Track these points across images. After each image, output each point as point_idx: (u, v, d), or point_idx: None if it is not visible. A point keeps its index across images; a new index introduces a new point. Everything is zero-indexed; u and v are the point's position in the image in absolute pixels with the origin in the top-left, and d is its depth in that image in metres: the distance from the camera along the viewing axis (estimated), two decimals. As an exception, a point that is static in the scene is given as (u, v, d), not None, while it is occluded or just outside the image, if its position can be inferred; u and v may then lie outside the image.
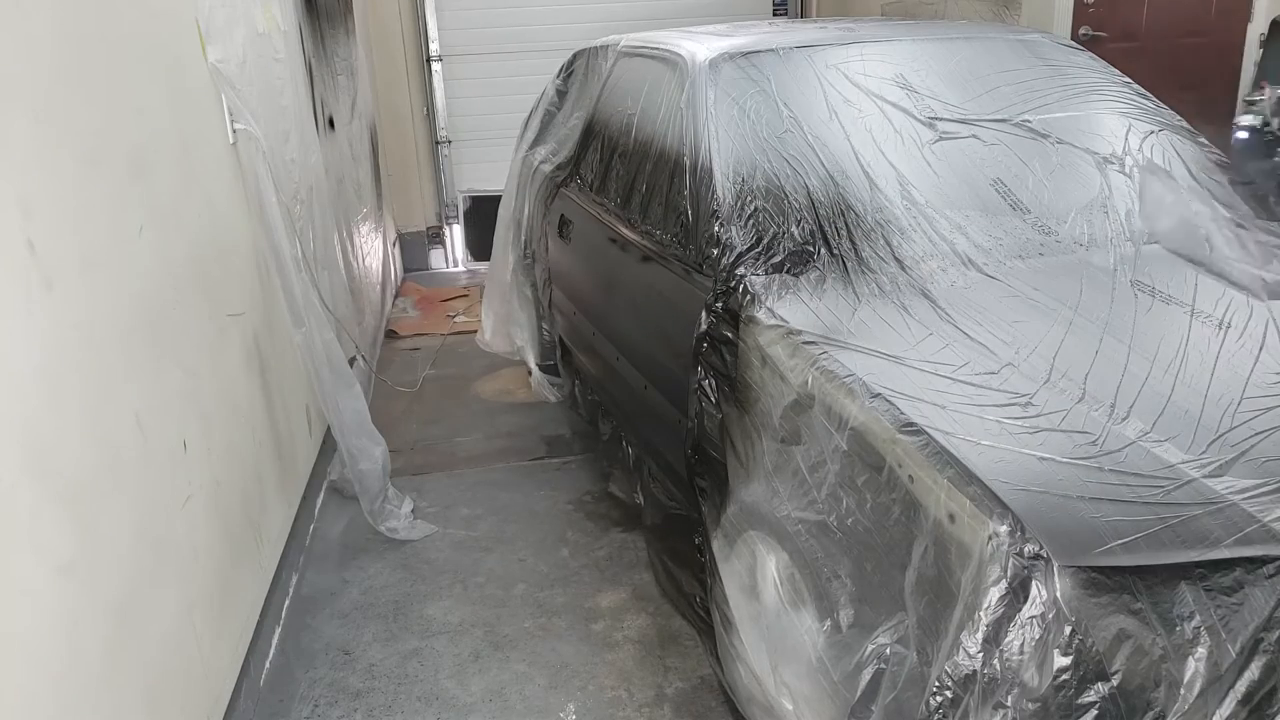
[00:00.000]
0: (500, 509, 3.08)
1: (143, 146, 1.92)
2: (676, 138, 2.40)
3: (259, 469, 2.50)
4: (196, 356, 2.09)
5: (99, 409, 1.59)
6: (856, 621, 1.52)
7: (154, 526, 1.76)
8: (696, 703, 2.23)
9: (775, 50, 2.46)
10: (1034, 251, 2.05)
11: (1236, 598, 1.17)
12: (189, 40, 2.31)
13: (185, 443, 1.94)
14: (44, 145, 1.49)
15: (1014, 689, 1.18)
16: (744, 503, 1.89)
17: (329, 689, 2.33)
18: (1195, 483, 1.33)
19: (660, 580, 2.55)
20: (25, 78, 1.45)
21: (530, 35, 6.04)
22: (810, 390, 1.66)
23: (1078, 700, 1.15)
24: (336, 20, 4.47)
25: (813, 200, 2.10)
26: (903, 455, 1.43)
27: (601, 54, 3.29)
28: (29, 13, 1.49)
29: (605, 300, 2.82)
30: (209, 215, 2.31)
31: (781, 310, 1.87)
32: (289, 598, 2.62)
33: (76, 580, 1.45)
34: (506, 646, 2.46)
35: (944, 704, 1.24)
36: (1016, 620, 1.19)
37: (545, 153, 3.54)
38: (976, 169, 2.22)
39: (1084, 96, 2.47)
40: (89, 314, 1.58)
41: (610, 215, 2.74)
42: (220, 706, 2.03)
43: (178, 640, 1.83)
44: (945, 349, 1.69)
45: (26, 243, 1.39)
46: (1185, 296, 1.85)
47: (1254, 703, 1.15)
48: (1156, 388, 1.55)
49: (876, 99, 2.33)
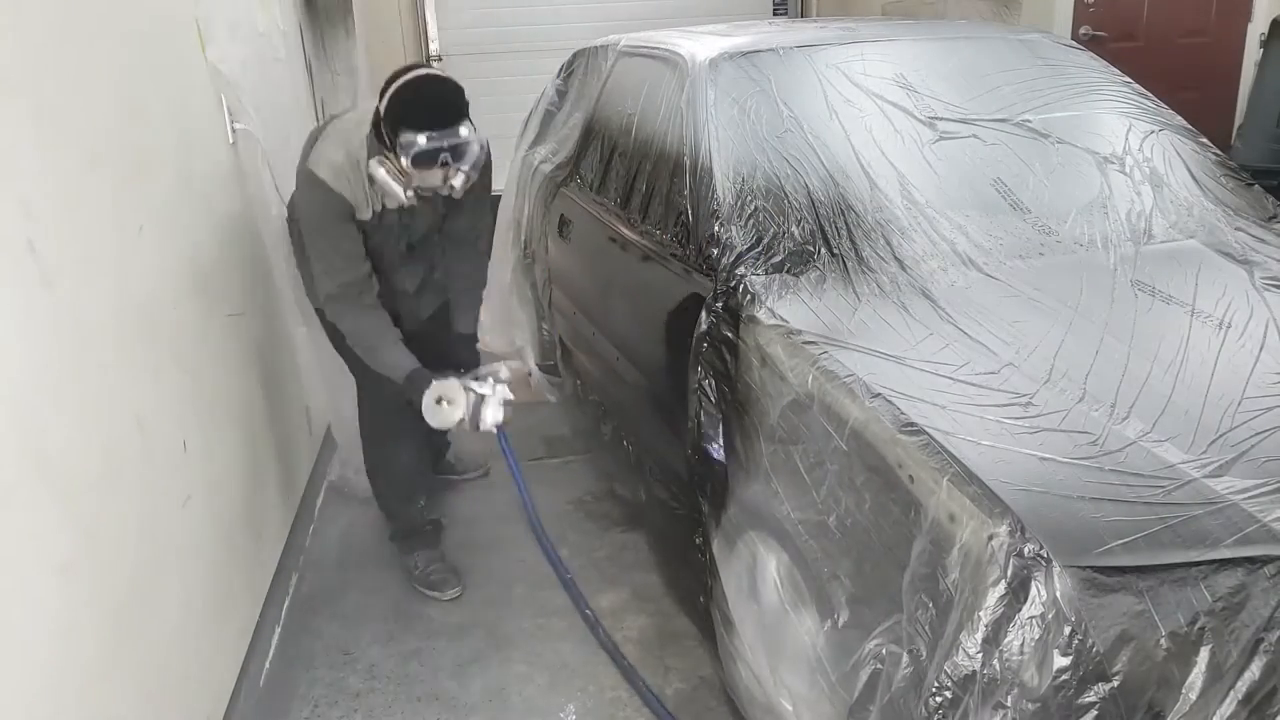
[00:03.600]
0: (500, 509, 3.08)
1: (143, 146, 1.92)
2: (676, 137, 2.40)
3: (259, 469, 2.50)
4: (196, 356, 2.09)
5: (99, 409, 1.59)
6: (856, 622, 1.52)
7: (154, 526, 1.76)
8: (696, 703, 2.23)
9: (775, 50, 2.46)
10: (1034, 251, 2.05)
11: (1237, 598, 1.17)
12: (189, 40, 2.31)
13: (185, 443, 1.94)
14: (44, 145, 1.49)
15: (1014, 689, 1.18)
16: (744, 503, 1.89)
17: (329, 689, 2.33)
18: (1195, 483, 1.33)
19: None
20: (25, 78, 1.45)
21: (530, 35, 6.03)
22: (810, 390, 1.66)
23: (1078, 700, 1.15)
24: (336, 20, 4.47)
25: (813, 200, 2.10)
26: (903, 455, 1.43)
27: (601, 54, 3.29)
28: (29, 13, 1.49)
29: (605, 300, 2.82)
30: (209, 215, 2.31)
31: (781, 310, 1.87)
32: (289, 598, 2.62)
33: (76, 580, 1.44)
34: (506, 646, 2.45)
35: (943, 704, 1.24)
36: (1016, 620, 1.19)
37: (545, 152, 3.54)
38: (977, 169, 2.22)
39: (1084, 96, 2.47)
40: (89, 314, 1.58)
41: (610, 215, 2.74)
42: (220, 706, 2.03)
43: (178, 640, 1.83)
44: (945, 349, 1.69)
45: (26, 243, 1.39)
46: (1185, 296, 1.85)
47: (1254, 703, 1.15)
48: (1157, 388, 1.55)
49: (877, 99, 2.32)
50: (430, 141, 2.07)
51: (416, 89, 2.12)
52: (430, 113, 2.10)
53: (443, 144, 2.09)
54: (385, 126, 2.13)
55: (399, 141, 2.09)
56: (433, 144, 2.08)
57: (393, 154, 2.13)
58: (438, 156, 2.10)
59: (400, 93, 2.11)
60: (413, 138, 2.07)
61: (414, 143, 2.07)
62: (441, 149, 2.09)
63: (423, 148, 2.07)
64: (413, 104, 2.11)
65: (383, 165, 2.14)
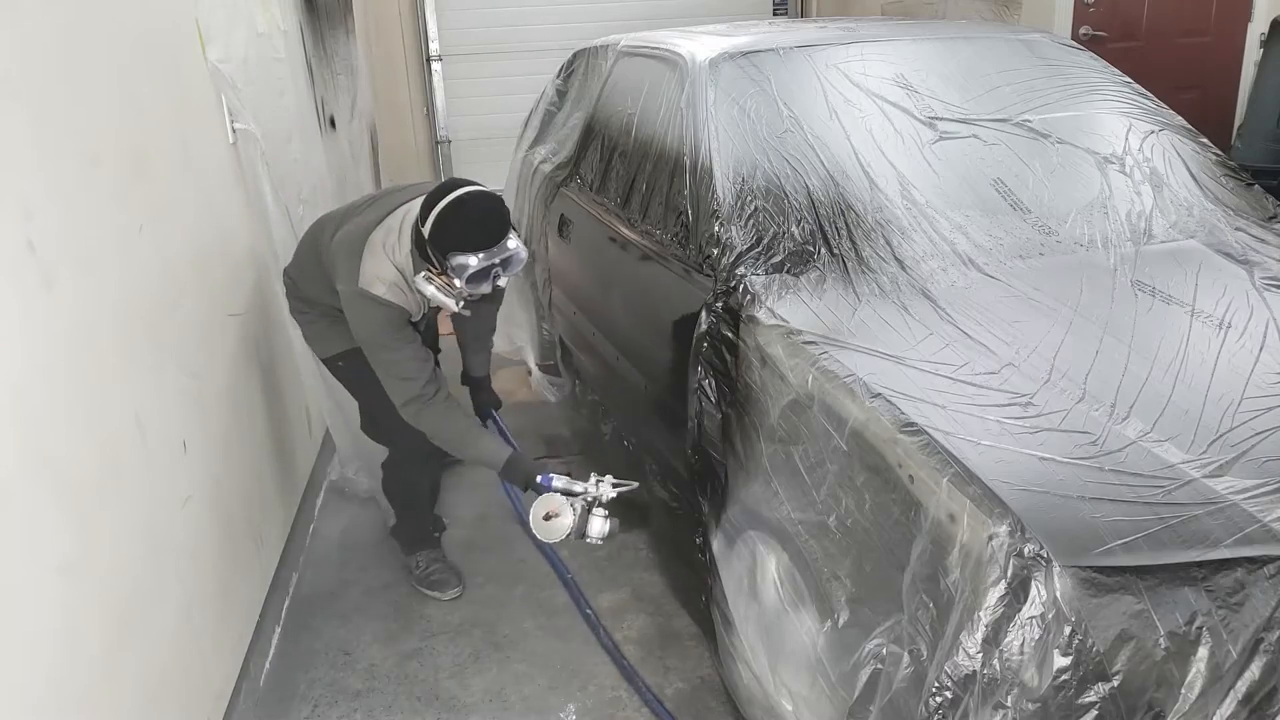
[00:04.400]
0: (500, 509, 3.07)
1: (143, 146, 1.92)
2: (676, 137, 2.40)
3: (259, 469, 2.50)
4: (196, 356, 2.09)
5: (99, 409, 1.59)
6: (855, 622, 1.52)
7: (154, 526, 1.76)
8: (696, 703, 2.23)
9: (775, 50, 2.46)
10: (1034, 251, 2.05)
11: (1237, 598, 1.17)
12: (189, 40, 2.31)
13: (185, 443, 1.94)
14: (44, 145, 1.49)
15: (1014, 689, 1.18)
16: (744, 503, 1.89)
17: (329, 689, 2.33)
18: (1196, 483, 1.33)
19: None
20: (25, 78, 1.45)
21: (530, 35, 6.04)
22: (810, 390, 1.66)
23: (1078, 700, 1.15)
24: (336, 20, 4.47)
25: (813, 200, 2.10)
26: (903, 455, 1.43)
27: (601, 54, 3.29)
28: (29, 13, 1.49)
29: (605, 300, 2.82)
30: (209, 215, 2.31)
31: (782, 310, 1.87)
32: (289, 598, 2.62)
33: (76, 580, 1.45)
34: (506, 646, 2.45)
35: (944, 704, 1.24)
36: (1016, 620, 1.19)
37: (545, 152, 3.54)
38: (977, 169, 2.22)
39: (1084, 96, 2.47)
40: (89, 314, 1.58)
41: (610, 215, 2.74)
42: (220, 706, 2.03)
43: (178, 640, 1.83)
44: (945, 349, 1.69)
45: (26, 243, 1.39)
46: (1185, 296, 1.85)
47: (1254, 703, 1.15)
48: (1157, 388, 1.55)
49: (877, 99, 2.32)
50: (483, 261, 2.08)
51: (464, 211, 2.11)
52: (483, 234, 2.10)
53: (495, 260, 2.10)
54: (433, 249, 2.12)
55: (450, 264, 2.09)
56: (485, 263, 2.09)
57: (442, 272, 2.13)
58: (490, 272, 2.12)
59: (448, 215, 2.09)
60: (465, 260, 2.07)
61: (467, 265, 2.08)
62: (494, 265, 2.11)
63: (477, 268, 2.08)
64: (464, 226, 2.10)
65: (431, 282, 2.14)
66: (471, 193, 2.12)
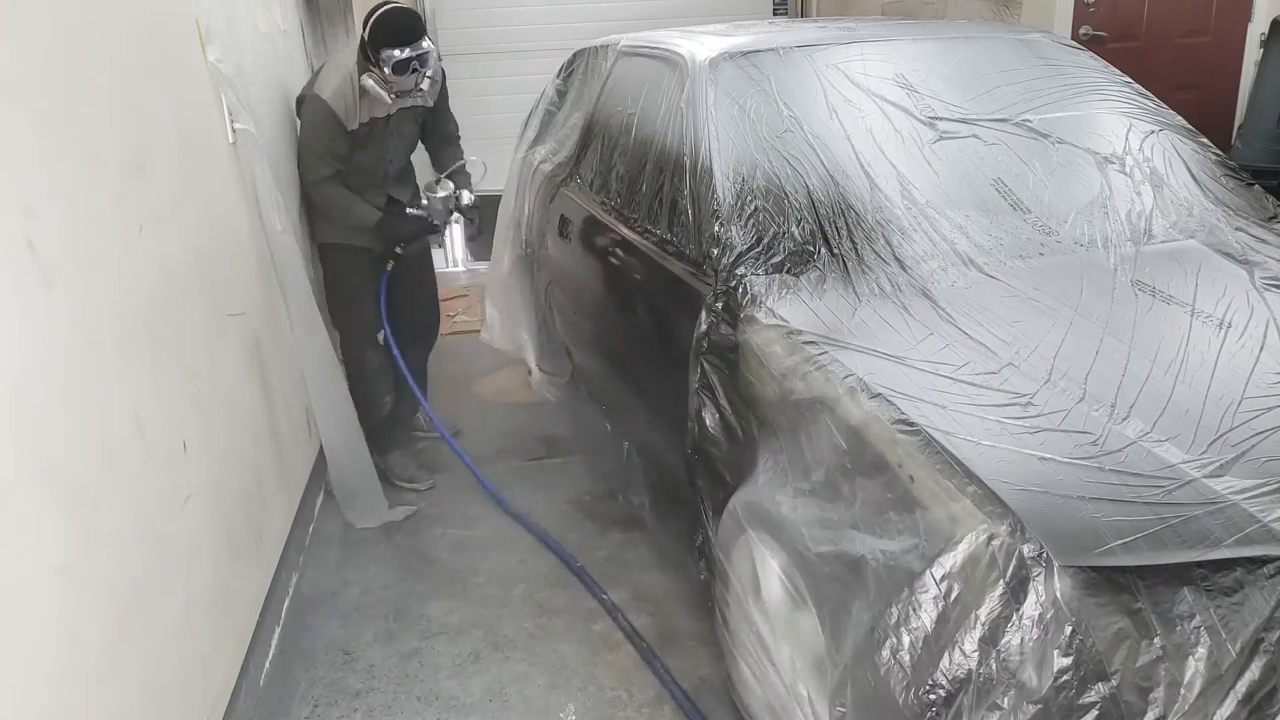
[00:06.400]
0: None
1: (143, 146, 1.92)
2: (676, 137, 2.40)
3: (259, 469, 2.50)
4: (196, 356, 2.09)
5: (99, 409, 1.58)
6: (855, 622, 1.52)
7: (154, 526, 1.76)
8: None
9: (775, 50, 2.46)
10: (1034, 251, 2.05)
11: (1237, 598, 1.17)
12: (189, 40, 2.31)
13: (185, 443, 1.94)
14: (44, 145, 1.49)
15: (1011, 689, 1.18)
16: (744, 503, 1.89)
17: (329, 689, 2.33)
18: (1196, 483, 1.33)
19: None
20: (26, 78, 1.45)
21: (530, 35, 6.03)
22: (810, 390, 1.66)
23: (1078, 701, 1.15)
24: (336, 20, 4.47)
25: (813, 200, 2.10)
26: (903, 455, 1.43)
27: (601, 54, 3.29)
28: (29, 12, 1.49)
29: (605, 300, 2.82)
30: (209, 215, 2.31)
31: (782, 310, 1.87)
32: (289, 597, 2.62)
33: (76, 580, 1.44)
34: (506, 646, 2.45)
35: (942, 703, 1.24)
36: (1016, 620, 1.19)
37: (545, 152, 3.54)
38: (977, 169, 2.22)
39: (1084, 96, 2.46)
40: (89, 314, 1.58)
41: (610, 215, 2.74)
42: (220, 706, 2.03)
43: (177, 640, 1.83)
44: (945, 349, 1.69)
45: (26, 243, 1.39)
46: (1186, 296, 1.85)
47: (1254, 703, 1.15)
48: (1157, 388, 1.55)
49: (876, 98, 2.32)
50: (404, 52, 2.83)
51: (390, 17, 2.88)
52: (402, 32, 2.86)
53: (413, 54, 2.85)
54: (370, 48, 2.87)
55: (381, 57, 2.83)
56: (406, 54, 2.83)
57: (377, 68, 2.86)
58: (410, 64, 2.85)
59: (379, 21, 2.86)
60: (391, 52, 2.83)
61: (393, 55, 2.83)
62: (412, 58, 2.85)
63: (400, 58, 2.83)
64: (389, 27, 2.85)
65: (370, 77, 2.89)
66: (395, 6, 2.90)
